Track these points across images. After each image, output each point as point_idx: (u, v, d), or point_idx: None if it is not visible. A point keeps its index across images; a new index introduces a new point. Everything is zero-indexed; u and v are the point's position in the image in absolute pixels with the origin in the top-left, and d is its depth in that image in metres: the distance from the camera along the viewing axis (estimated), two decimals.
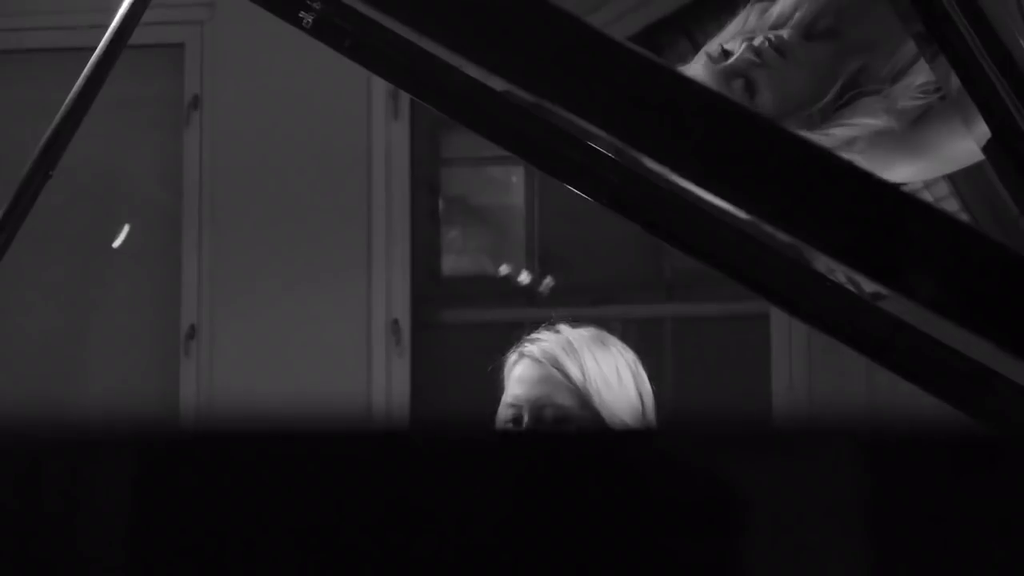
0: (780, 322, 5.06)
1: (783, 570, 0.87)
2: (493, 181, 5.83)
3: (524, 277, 5.53)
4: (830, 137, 2.39)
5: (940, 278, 1.01)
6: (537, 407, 2.71)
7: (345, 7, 1.31)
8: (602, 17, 4.97)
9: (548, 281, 5.50)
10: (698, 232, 1.32)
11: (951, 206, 4.89)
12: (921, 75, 2.35)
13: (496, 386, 2.80)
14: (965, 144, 2.20)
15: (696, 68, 2.40)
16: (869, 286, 1.11)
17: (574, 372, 2.71)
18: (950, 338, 1.16)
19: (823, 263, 1.21)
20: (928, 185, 4.69)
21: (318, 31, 1.40)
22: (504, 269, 5.57)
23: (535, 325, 2.86)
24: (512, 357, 2.78)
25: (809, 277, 1.26)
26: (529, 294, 5.52)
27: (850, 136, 2.42)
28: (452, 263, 5.74)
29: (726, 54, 2.37)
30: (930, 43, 1.45)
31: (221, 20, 5.42)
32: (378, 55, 1.38)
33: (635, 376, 2.75)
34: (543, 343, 2.76)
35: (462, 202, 5.86)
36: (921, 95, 2.36)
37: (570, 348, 2.73)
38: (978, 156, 2.32)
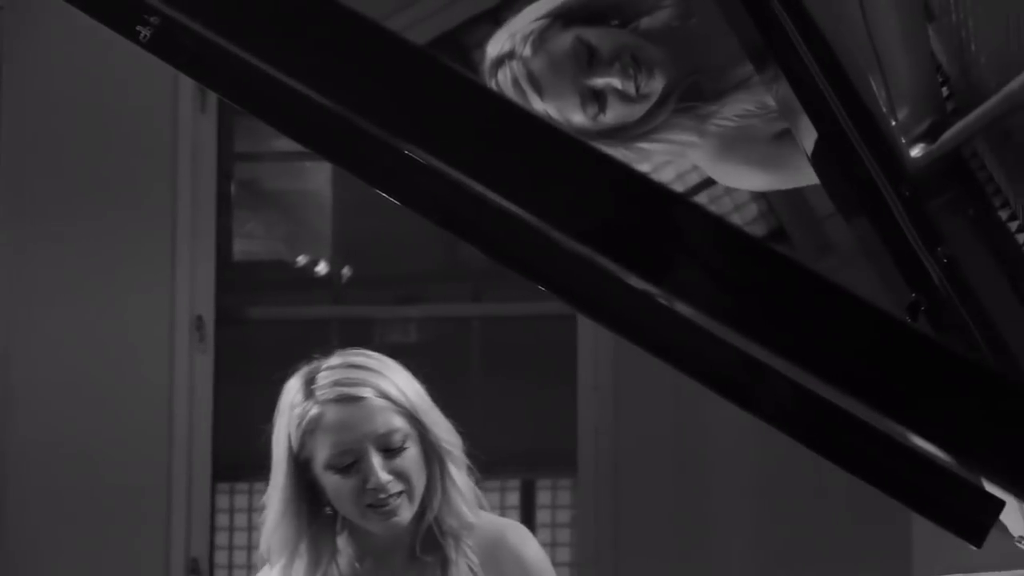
0: (587, 322, 5.08)
1: None
2: (296, 172, 5.79)
3: (322, 267, 5.50)
4: (635, 151, 2.43)
5: (707, 278, 1.03)
6: (380, 438, 2.61)
7: (183, 24, 1.29)
8: (416, 13, 4.96)
9: (346, 271, 5.49)
10: (497, 232, 1.32)
11: (751, 211, 5.00)
12: (741, 102, 2.40)
13: (286, 445, 2.64)
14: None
15: (547, 59, 2.38)
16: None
17: (394, 392, 2.64)
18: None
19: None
20: (729, 192, 4.80)
21: (155, 46, 1.38)
22: (302, 259, 5.54)
23: (340, 323, 2.81)
24: (310, 410, 2.62)
25: (608, 280, 1.27)
26: (335, 292, 5.49)
27: (660, 149, 2.46)
28: (253, 254, 5.68)
29: (592, 56, 2.35)
30: (765, 57, 1.48)
31: (20, 5, 5.29)
32: (215, 72, 1.37)
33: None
34: (340, 380, 2.64)
35: (265, 193, 5.81)
36: (737, 118, 2.41)
37: (373, 373, 2.66)
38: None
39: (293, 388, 2.67)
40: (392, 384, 2.65)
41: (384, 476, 2.59)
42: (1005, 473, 1.12)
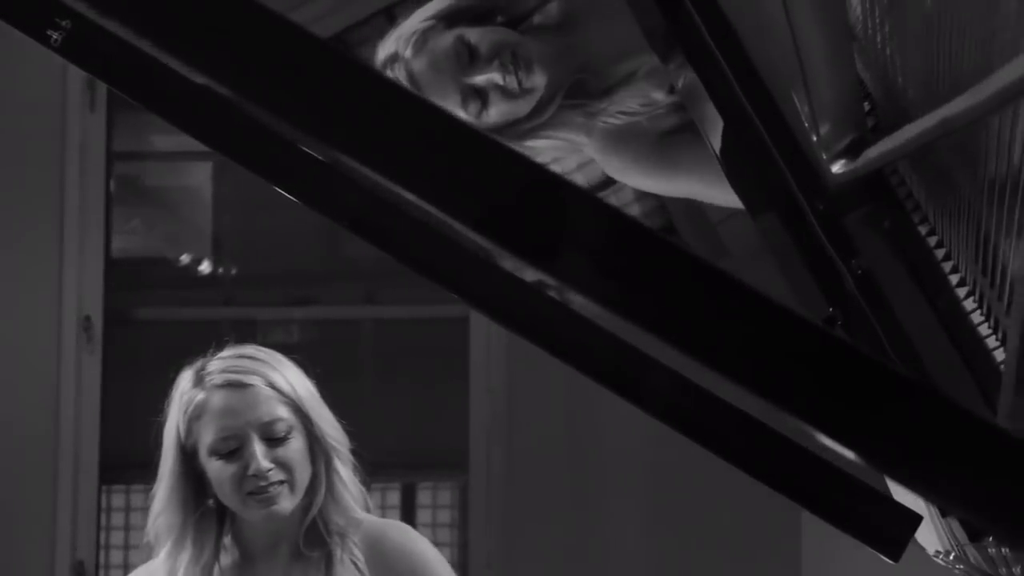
0: (479, 325, 5.08)
1: None
2: (178, 170, 5.74)
3: (205, 266, 5.46)
4: (525, 148, 2.45)
5: (602, 268, 1.02)
6: (263, 425, 2.64)
7: (95, 26, 1.26)
8: (311, 11, 4.95)
9: (233, 271, 5.45)
10: (395, 231, 1.32)
11: (634, 211, 5.02)
12: (627, 99, 2.43)
13: (175, 432, 2.68)
14: (701, 170, 2.28)
15: (428, 59, 2.40)
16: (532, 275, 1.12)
17: (282, 383, 2.68)
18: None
19: (511, 264, 1.22)
20: (616, 192, 4.83)
21: (67, 50, 1.35)
22: (185, 258, 5.50)
23: (231, 324, 2.82)
24: (197, 396, 2.67)
25: (506, 279, 1.27)
26: (225, 293, 5.44)
27: (549, 146, 2.49)
28: (135, 252, 5.62)
29: (472, 54, 2.38)
30: (671, 48, 1.48)
31: None
32: (129, 77, 1.35)
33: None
34: (229, 367, 2.68)
35: (147, 191, 5.74)
36: (623, 115, 2.45)
37: (263, 364, 2.69)
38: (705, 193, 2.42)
39: (185, 378, 2.71)
40: (281, 376, 2.68)
41: (265, 464, 2.62)
42: (906, 470, 1.12)
